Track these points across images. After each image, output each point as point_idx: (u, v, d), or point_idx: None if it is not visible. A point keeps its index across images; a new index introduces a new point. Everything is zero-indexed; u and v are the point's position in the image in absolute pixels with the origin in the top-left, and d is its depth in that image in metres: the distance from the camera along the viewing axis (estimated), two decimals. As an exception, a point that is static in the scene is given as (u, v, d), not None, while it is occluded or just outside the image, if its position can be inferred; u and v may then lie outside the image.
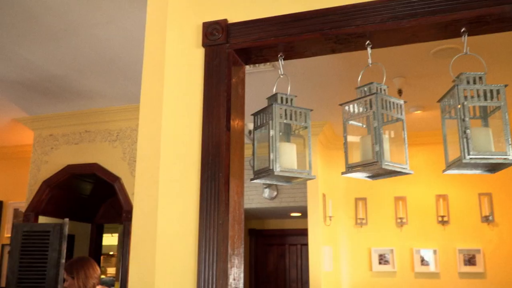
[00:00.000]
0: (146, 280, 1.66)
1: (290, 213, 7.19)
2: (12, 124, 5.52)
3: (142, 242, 1.71)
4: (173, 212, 1.67)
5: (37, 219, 5.15)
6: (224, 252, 1.57)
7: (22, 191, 5.93)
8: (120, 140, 5.04)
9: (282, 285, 7.67)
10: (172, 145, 1.72)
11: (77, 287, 3.09)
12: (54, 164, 5.21)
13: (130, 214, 4.79)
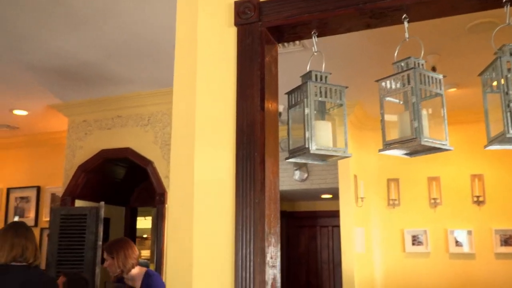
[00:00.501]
0: (184, 260, 1.68)
1: (321, 195, 7.17)
2: (47, 110, 5.65)
3: (179, 223, 1.73)
4: (209, 192, 1.68)
5: (73, 203, 5.29)
6: (261, 231, 1.57)
7: (58, 176, 6.09)
8: (152, 124, 5.10)
9: (314, 267, 7.70)
10: (206, 125, 1.73)
11: (117, 267, 3.16)
12: (88, 149, 5.32)
13: (163, 197, 4.87)
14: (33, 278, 2.54)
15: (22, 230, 2.55)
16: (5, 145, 7.03)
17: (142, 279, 3.20)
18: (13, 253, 2.46)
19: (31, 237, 2.57)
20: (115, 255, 3.17)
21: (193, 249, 1.65)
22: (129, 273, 3.21)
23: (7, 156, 7.07)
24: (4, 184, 6.95)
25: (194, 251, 1.65)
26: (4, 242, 2.47)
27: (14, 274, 2.47)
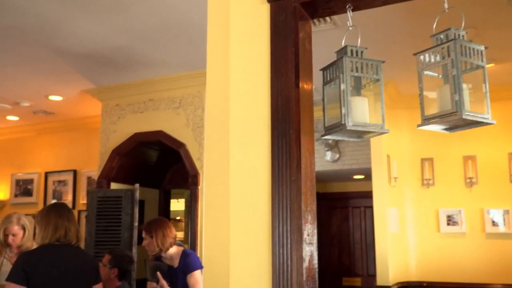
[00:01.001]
0: (221, 238, 1.70)
1: (352, 176, 7.12)
2: (81, 96, 5.76)
3: (216, 202, 1.75)
4: (244, 171, 1.68)
5: (109, 186, 5.40)
6: (298, 209, 1.57)
7: (93, 160, 6.23)
8: (183, 107, 5.14)
9: (346, 247, 7.69)
10: (241, 104, 1.73)
11: (155, 245, 3.23)
12: (122, 133, 5.41)
13: (196, 179, 4.93)
14: (77, 257, 2.62)
15: (64, 212, 2.62)
16: (42, 131, 7.22)
17: (180, 258, 3.26)
18: (57, 234, 2.53)
19: (72, 219, 2.65)
20: (154, 234, 3.23)
21: (230, 228, 1.67)
22: (167, 252, 3.27)
23: (44, 141, 7.26)
24: (42, 168, 7.16)
25: (231, 229, 1.67)
26: (48, 224, 2.55)
27: (59, 254, 2.54)
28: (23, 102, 6.01)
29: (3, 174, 7.47)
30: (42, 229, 2.56)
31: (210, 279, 1.76)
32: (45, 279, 2.46)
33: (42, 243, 2.55)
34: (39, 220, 2.61)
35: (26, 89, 5.53)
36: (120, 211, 4.84)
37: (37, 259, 2.50)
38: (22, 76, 5.10)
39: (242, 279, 1.63)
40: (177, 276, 3.24)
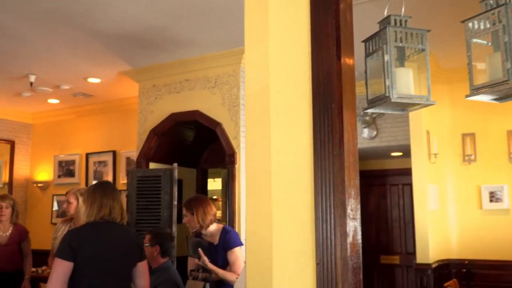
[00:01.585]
0: (263, 215, 1.70)
1: (390, 153, 7.00)
2: (118, 77, 5.85)
3: (257, 178, 1.75)
4: (286, 146, 1.67)
5: (148, 166, 5.50)
6: (341, 183, 1.55)
7: (132, 140, 6.35)
8: (219, 86, 5.14)
9: (384, 225, 7.61)
10: (281, 79, 1.70)
11: (196, 222, 3.28)
12: (159, 113, 5.48)
13: (233, 157, 4.95)
14: (121, 234, 2.68)
15: (109, 191, 2.67)
16: (82, 113, 7.40)
17: (220, 235, 3.31)
18: (102, 212, 2.59)
19: (117, 197, 2.69)
20: (195, 211, 3.28)
21: (272, 204, 1.66)
22: (208, 229, 3.32)
23: (84, 123, 7.45)
24: (83, 149, 7.35)
25: (273, 205, 1.66)
26: (93, 202, 2.61)
27: (104, 231, 2.60)
28: (63, 85, 6.15)
29: (47, 156, 7.73)
30: (88, 207, 2.62)
31: (253, 256, 1.76)
32: (91, 255, 2.52)
33: (88, 221, 2.62)
34: (85, 199, 2.68)
35: (66, 72, 5.65)
36: (159, 190, 4.93)
37: (83, 236, 2.57)
38: (62, 59, 5.21)
39: (285, 255, 1.63)
40: (217, 253, 3.29)
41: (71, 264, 2.47)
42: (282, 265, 1.63)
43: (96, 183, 2.84)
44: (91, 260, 2.51)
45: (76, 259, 2.48)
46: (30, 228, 5.14)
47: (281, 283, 1.62)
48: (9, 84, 6.16)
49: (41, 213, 7.62)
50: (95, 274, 2.50)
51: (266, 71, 1.72)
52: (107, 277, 2.54)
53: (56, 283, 2.44)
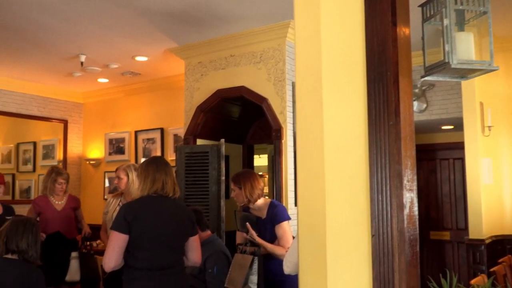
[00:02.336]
0: (317, 187, 1.69)
1: (441, 126, 6.79)
2: (165, 55, 5.91)
3: (310, 150, 1.73)
4: (339, 117, 1.64)
5: (195, 142, 5.58)
6: (397, 154, 1.52)
7: (179, 117, 6.45)
8: (264, 61, 5.11)
9: (434, 201, 7.44)
10: (334, 47, 1.66)
11: (244, 196, 3.31)
12: (205, 90, 5.52)
13: (279, 133, 4.94)
14: (174, 208, 2.73)
15: (162, 166, 2.71)
16: (130, 91, 7.56)
17: (268, 209, 3.33)
18: (155, 187, 2.64)
19: (170, 172, 2.73)
20: (242, 186, 3.31)
21: (325, 176, 1.64)
22: (255, 203, 3.35)
23: (132, 101, 7.61)
24: (132, 127, 7.53)
25: (326, 177, 1.64)
26: (146, 177, 2.66)
27: (157, 204, 2.66)
28: (112, 64, 6.29)
29: (98, 134, 7.97)
30: (141, 182, 2.68)
31: (305, 229, 1.76)
32: (145, 228, 2.57)
33: (142, 195, 2.68)
34: (139, 173, 2.74)
35: (114, 51, 5.76)
36: (207, 166, 4.99)
37: (137, 209, 2.63)
38: (110, 38, 5.30)
39: (339, 227, 1.62)
40: (265, 227, 3.31)
41: (126, 237, 2.53)
42: (336, 237, 1.62)
43: (149, 158, 2.88)
44: (145, 233, 2.56)
45: (131, 232, 2.53)
46: (84, 204, 5.38)
47: (335, 255, 1.61)
48: (61, 65, 6.36)
49: (94, 190, 7.91)
50: (149, 246, 2.56)
51: (318, 40, 1.68)
52: (161, 249, 2.59)
53: (112, 255, 2.51)
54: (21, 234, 2.74)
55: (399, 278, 1.50)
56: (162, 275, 2.57)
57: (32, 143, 7.99)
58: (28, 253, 2.74)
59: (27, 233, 2.77)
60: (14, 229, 2.76)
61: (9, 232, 2.75)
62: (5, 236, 2.74)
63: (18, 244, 2.72)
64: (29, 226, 2.81)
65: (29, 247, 2.74)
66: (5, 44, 5.51)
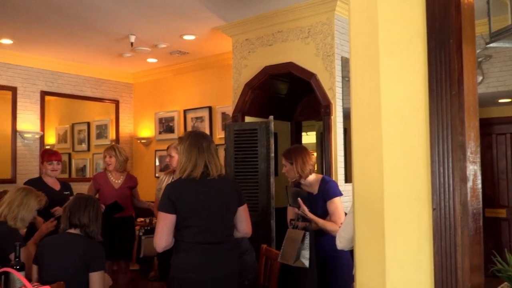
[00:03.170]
0: (374, 160, 1.65)
1: (497, 100, 6.49)
2: (212, 33, 5.92)
3: (365, 121, 1.69)
4: (397, 87, 1.58)
5: (243, 119, 5.60)
6: (460, 125, 1.45)
7: (226, 96, 6.48)
8: (312, 36, 5.02)
9: (489, 177, 7.18)
10: (391, 14, 1.60)
11: (295, 172, 3.30)
12: (252, 67, 5.50)
13: (328, 109, 4.88)
14: (219, 182, 2.67)
15: (205, 143, 2.67)
16: (178, 71, 7.65)
17: (319, 185, 3.30)
18: (196, 172, 2.60)
19: (212, 150, 2.68)
20: (294, 161, 3.29)
21: (383, 147, 1.60)
22: (306, 179, 3.33)
23: (181, 80, 7.71)
24: (181, 106, 7.65)
25: (384, 148, 1.60)
26: (188, 159, 2.61)
27: (201, 181, 2.62)
28: (160, 44, 6.37)
29: (148, 113, 8.15)
30: (183, 162, 2.64)
31: (362, 203, 1.73)
32: (191, 205, 2.56)
33: (180, 177, 2.64)
34: (181, 152, 2.67)
35: (162, 30, 5.82)
36: (256, 143, 5.01)
37: (181, 188, 2.60)
38: (159, 17, 5.36)
39: (398, 200, 1.58)
40: (317, 203, 3.30)
41: (173, 216, 2.54)
42: (394, 211, 1.58)
43: (191, 135, 2.76)
44: (191, 210, 2.56)
45: (178, 211, 2.54)
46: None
47: (394, 230, 1.58)
48: (111, 46, 6.50)
49: (145, 168, 8.13)
50: (197, 223, 2.56)
51: (374, 7, 1.62)
52: (210, 225, 2.59)
53: (162, 236, 2.54)
54: (83, 210, 2.88)
55: (461, 253, 1.45)
56: (211, 249, 2.58)
57: (86, 123, 8.28)
58: (89, 228, 2.88)
59: (88, 208, 2.91)
60: (76, 205, 2.91)
61: (72, 208, 2.90)
62: (69, 211, 2.89)
63: (80, 218, 2.86)
64: (90, 203, 2.95)
65: (91, 222, 2.88)
66: (59, 27, 5.68)
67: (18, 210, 3.11)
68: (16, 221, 3.10)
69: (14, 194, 3.20)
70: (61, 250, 2.80)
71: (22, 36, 6.04)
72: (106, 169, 4.94)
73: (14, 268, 2.24)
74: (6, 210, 3.11)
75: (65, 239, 2.86)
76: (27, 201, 3.16)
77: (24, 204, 3.14)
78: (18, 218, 3.10)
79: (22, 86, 7.02)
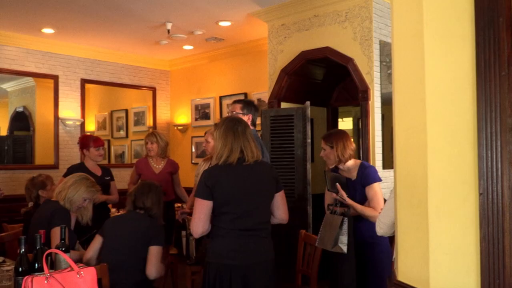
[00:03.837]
0: (416, 142, 1.62)
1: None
2: (248, 19, 5.90)
3: (409, 104, 1.65)
4: (443, 68, 1.54)
5: (279, 105, 5.58)
6: (509, 107, 1.40)
7: (262, 82, 6.47)
8: (349, 20, 4.94)
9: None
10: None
11: (335, 156, 3.26)
12: (288, 52, 5.46)
13: (366, 94, 4.80)
14: (256, 168, 2.65)
15: (240, 129, 2.65)
16: (214, 57, 7.68)
17: (358, 170, 3.27)
18: (232, 158, 2.58)
19: (248, 135, 2.66)
20: (335, 145, 3.26)
21: (427, 129, 1.56)
22: (345, 164, 3.30)
23: (216, 67, 7.74)
24: (217, 93, 7.69)
25: (428, 131, 1.56)
26: (224, 145, 2.60)
27: (238, 168, 2.61)
28: (197, 31, 6.40)
29: (184, 100, 8.24)
30: (219, 148, 2.63)
31: (405, 187, 1.71)
32: (227, 191, 2.55)
33: (217, 163, 2.63)
34: (217, 137, 2.66)
35: (199, 17, 5.84)
36: (292, 129, 4.99)
37: (217, 174, 2.59)
38: (195, 4, 5.38)
39: (442, 185, 1.55)
40: (355, 188, 3.26)
41: (210, 203, 2.54)
42: (439, 196, 1.55)
43: (226, 121, 2.74)
44: (228, 197, 2.55)
45: (214, 197, 2.54)
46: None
47: (438, 215, 1.55)
48: (148, 33, 6.58)
49: (182, 154, 8.24)
50: (234, 209, 2.55)
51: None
52: (247, 211, 2.57)
53: (199, 222, 2.55)
54: (146, 194, 3.14)
55: (509, 239, 1.41)
56: (248, 236, 2.58)
57: (124, 111, 8.44)
58: (152, 211, 3.13)
59: (151, 193, 3.16)
60: (141, 190, 3.17)
61: (137, 192, 3.17)
62: (134, 195, 3.16)
63: (144, 202, 3.11)
64: (153, 188, 3.20)
65: (153, 205, 3.13)
66: (99, 16, 5.79)
67: (68, 191, 3.26)
68: (65, 202, 3.25)
69: (72, 176, 3.39)
70: (126, 225, 3.08)
71: (64, 25, 6.19)
72: (148, 155, 5.03)
73: (60, 249, 2.31)
74: (60, 188, 3.31)
75: (131, 216, 3.16)
76: (78, 185, 3.31)
77: (75, 187, 3.29)
78: (66, 198, 3.25)
79: (64, 74, 7.21)
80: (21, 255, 2.31)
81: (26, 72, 6.84)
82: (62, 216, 3.14)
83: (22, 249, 2.30)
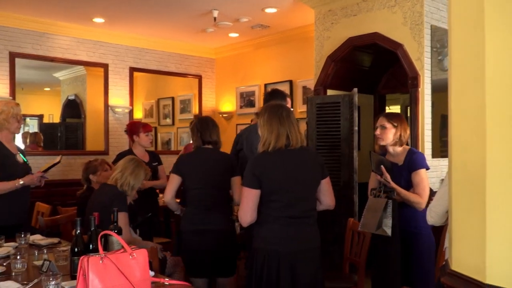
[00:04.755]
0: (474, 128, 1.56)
1: None
2: (294, 5, 5.84)
3: (467, 87, 1.59)
4: (505, 50, 1.47)
5: (325, 93, 5.52)
6: None
7: (307, 69, 6.41)
8: (399, 4, 4.80)
9: None
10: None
11: (396, 136, 3.21)
12: (335, 38, 5.38)
13: (416, 80, 4.67)
14: (301, 155, 2.63)
15: (284, 118, 2.60)
16: (259, 45, 7.67)
17: (406, 156, 3.20)
18: (279, 143, 2.57)
19: (293, 122, 2.63)
20: (399, 124, 3.21)
21: (486, 115, 1.50)
22: (395, 149, 3.24)
23: (261, 54, 7.73)
24: (262, 80, 7.69)
25: (488, 116, 1.49)
26: (270, 131, 2.57)
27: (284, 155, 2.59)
28: (242, 18, 6.40)
29: (229, 88, 8.29)
30: (265, 135, 2.60)
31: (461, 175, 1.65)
32: (274, 180, 2.54)
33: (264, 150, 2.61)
34: (262, 125, 2.63)
35: (244, 4, 5.84)
36: (338, 117, 4.93)
37: (264, 162, 2.57)
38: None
39: (502, 172, 1.48)
40: (401, 174, 3.18)
41: (257, 191, 2.54)
42: (498, 183, 1.49)
43: (269, 107, 2.71)
44: (276, 185, 2.54)
45: (262, 186, 2.54)
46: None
47: (496, 204, 1.49)
48: (195, 22, 6.64)
49: (227, 142, 8.22)
50: (282, 197, 2.55)
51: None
52: (294, 199, 2.57)
53: (247, 211, 2.56)
54: (211, 128, 3.42)
55: None
56: (295, 223, 2.57)
57: (171, 98, 8.59)
58: (218, 144, 3.45)
59: (215, 127, 3.45)
60: (204, 125, 3.43)
61: (200, 127, 3.42)
62: (198, 131, 3.41)
63: (211, 135, 3.40)
64: (215, 123, 3.51)
65: (218, 139, 3.45)
66: (146, 5, 5.88)
67: (130, 178, 3.39)
68: (125, 187, 3.37)
69: (128, 163, 3.48)
70: (203, 160, 3.37)
71: (113, 15, 6.33)
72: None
73: (113, 231, 2.38)
74: (118, 175, 3.39)
75: (205, 151, 3.42)
76: (138, 171, 3.45)
77: (136, 173, 3.43)
78: (129, 185, 3.38)
79: (113, 62, 7.39)
80: (76, 236, 2.40)
81: (77, 61, 7.06)
82: (122, 201, 3.27)
83: (78, 231, 2.39)
